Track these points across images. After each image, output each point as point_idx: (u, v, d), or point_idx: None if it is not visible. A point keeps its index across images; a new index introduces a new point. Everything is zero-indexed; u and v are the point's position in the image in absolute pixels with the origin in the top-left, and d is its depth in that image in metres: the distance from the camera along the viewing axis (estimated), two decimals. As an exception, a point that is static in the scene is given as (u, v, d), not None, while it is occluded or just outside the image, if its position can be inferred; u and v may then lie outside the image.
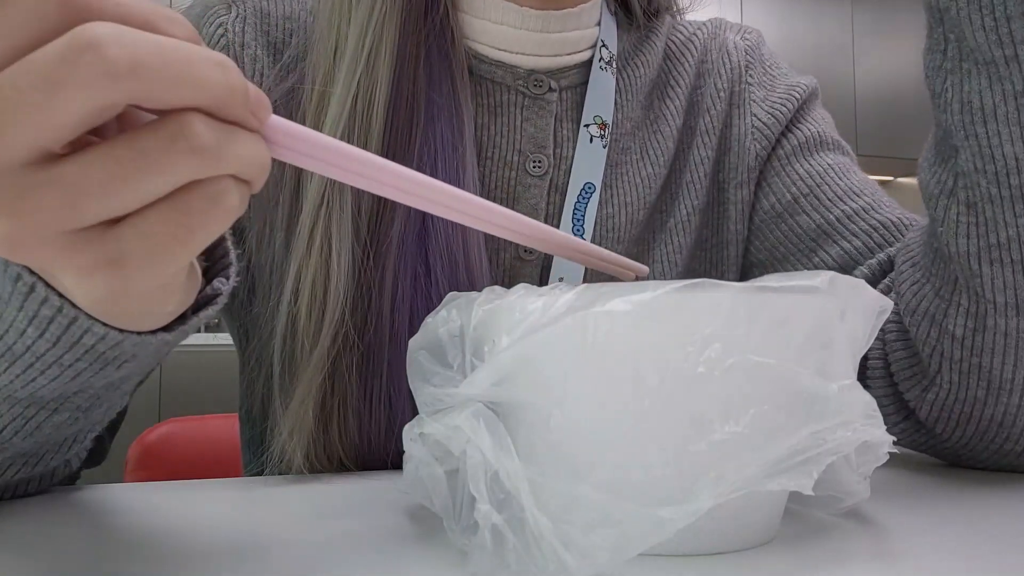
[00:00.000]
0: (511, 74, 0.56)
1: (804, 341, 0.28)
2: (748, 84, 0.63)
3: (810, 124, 0.61)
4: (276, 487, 0.45)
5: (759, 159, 0.61)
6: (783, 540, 0.32)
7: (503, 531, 0.26)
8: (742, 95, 0.63)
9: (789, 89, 0.62)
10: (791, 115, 0.61)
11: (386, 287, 0.49)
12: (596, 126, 0.57)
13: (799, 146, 0.60)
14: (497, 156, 0.55)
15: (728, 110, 0.62)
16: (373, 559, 0.30)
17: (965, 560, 0.30)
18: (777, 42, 3.43)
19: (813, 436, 0.27)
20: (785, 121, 0.61)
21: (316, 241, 0.48)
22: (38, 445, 0.38)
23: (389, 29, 0.50)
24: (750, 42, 0.65)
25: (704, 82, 0.63)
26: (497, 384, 0.29)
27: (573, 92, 0.58)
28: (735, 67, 0.63)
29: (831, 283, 0.29)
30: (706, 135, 0.61)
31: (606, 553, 0.25)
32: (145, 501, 0.41)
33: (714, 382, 0.27)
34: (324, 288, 0.47)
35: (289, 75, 0.53)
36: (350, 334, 0.48)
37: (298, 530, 0.34)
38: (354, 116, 0.49)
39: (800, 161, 0.60)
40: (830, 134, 0.62)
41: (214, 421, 0.98)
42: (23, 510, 0.39)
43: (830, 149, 0.61)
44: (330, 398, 0.48)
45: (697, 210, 0.61)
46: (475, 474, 0.28)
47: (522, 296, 0.30)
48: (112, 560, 0.31)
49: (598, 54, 0.58)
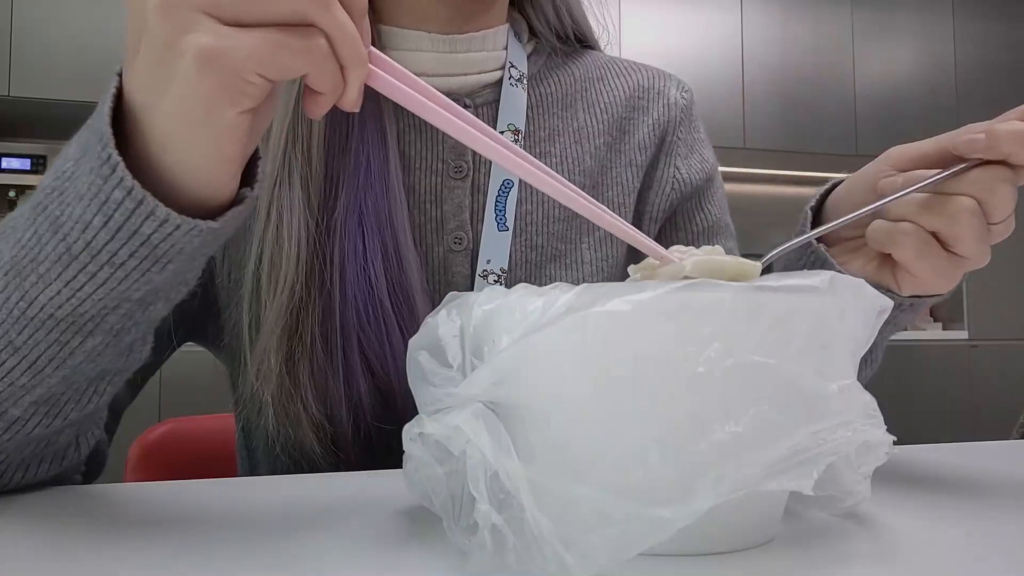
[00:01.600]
0: None
1: (804, 341, 0.28)
2: (678, 139, 0.71)
3: (715, 208, 0.72)
4: (276, 487, 0.45)
5: (671, 206, 0.70)
6: (783, 540, 0.32)
7: (503, 531, 0.26)
8: (672, 146, 0.71)
9: (702, 162, 0.72)
10: (701, 185, 0.71)
11: (335, 254, 0.56)
12: (510, 132, 0.65)
13: (706, 229, 0.71)
14: (423, 165, 0.63)
15: (656, 153, 0.71)
16: (373, 559, 0.30)
17: (965, 560, 0.30)
18: (777, 42, 3.43)
19: (813, 436, 0.27)
20: (694, 187, 0.71)
21: (272, 215, 0.56)
22: (65, 384, 0.40)
23: None
24: (686, 101, 0.74)
25: (637, 116, 0.71)
26: (497, 384, 0.29)
27: (488, 108, 0.66)
28: (672, 119, 0.72)
29: (831, 283, 0.29)
30: (634, 166, 0.69)
31: (606, 553, 0.25)
32: (145, 501, 0.41)
33: (714, 382, 0.27)
34: (280, 252, 0.55)
35: None
36: (303, 290, 0.55)
37: (298, 530, 0.34)
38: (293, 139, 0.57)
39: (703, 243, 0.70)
40: (725, 218, 0.73)
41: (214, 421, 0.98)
42: (24, 509, 0.39)
43: (724, 234, 0.72)
44: (292, 344, 0.55)
45: None
46: (475, 474, 0.28)
47: (522, 296, 0.30)
48: (112, 560, 0.31)
49: (507, 73, 0.66)
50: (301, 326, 0.55)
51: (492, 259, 0.62)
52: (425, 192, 0.63)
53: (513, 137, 0.65)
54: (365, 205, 0.58)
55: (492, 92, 0.66)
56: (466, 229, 0.63)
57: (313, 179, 0.57)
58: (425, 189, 0.63)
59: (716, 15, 3.36)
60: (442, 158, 0.64)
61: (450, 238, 0.62)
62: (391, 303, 0.57)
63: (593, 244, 0.66)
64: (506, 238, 0.63)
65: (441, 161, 0.64)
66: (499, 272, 0.62)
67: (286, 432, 0.56)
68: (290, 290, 0.55)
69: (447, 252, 0.62)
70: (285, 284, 0.55)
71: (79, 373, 0.40)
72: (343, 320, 0.56)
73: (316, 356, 0.55)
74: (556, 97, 0.69)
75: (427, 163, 0.63)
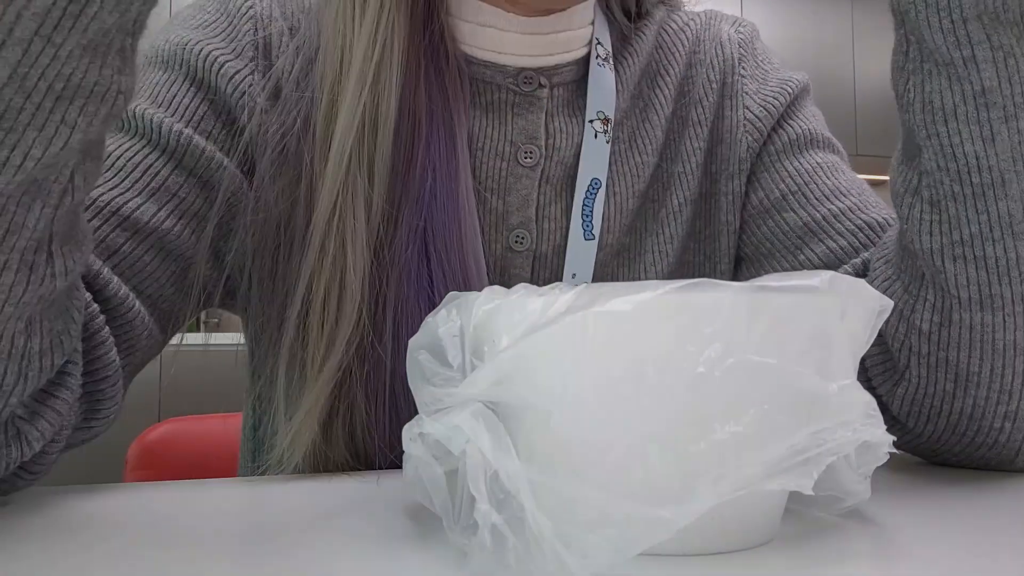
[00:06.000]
0: (501, 73, 0.57)
1: (804, 341, 0.28)
2: (741, 76, 0.63)
3: (801, 121, 0.61)
4: (276, 487, 0.45)
5: (751, 151, 0.61)
6: (783, 540, 0.32)
7: (503, 531, 0.26)
8: (735, 87, 0.62)
9: (782, 84, 0.62)
10: (783, 109, 0.62)
11: (391, 293, 0.49)
12: (600, 121, 0.57)
13: (789, 143, 0.60)
14: (489, 147, 0.56)
15: (720, 101, 0.62)
16: (373, 559, 0.30)
17: (965, 560, 0.30)
18: (777, 42, 3.43)
19: (813, 436, 0.27)
20: (777, 115, 0.61)
21: (328, 251, 0.48)
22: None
23: (396, 41, 0.50)
24: (744, 35, 0.65)
25: (695, 72, 0.63)
26: (497, 384, 0.29)
27: (566, 88, 0.58)
28: (728, 58, 0.63)
29: (831, 283, 0.29)
30: (698, 126, 0.61)
31: (606, 553, 0.25)
32: (145, 501, 0.41)
33: (714, 382, 0.27)
34: (339, 297, 0.47)
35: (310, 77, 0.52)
36: (363, 343, 0.48)
37: (298, 530, 0.34)
38: (363, 127, 0.49)
39: (789, 158, 0.60)
40: (820, 131, 0.62)
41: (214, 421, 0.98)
42: (21, 510, 0.39)
43: (820, 147, 0.61)
44: (336, 407, 0.48)
45: (689, 200, 0.61)
46: (475, 474, 0.28)
47: (522, 296, 0.30)
48: (112, 560, 0.31)
49: (594, 51, 0.58)
50: (346, 383, 0.48)
51: (578, 273, 0.55)
52: (489, 178, 0.56)
53: (602, 127, 0.57)
54: (431, 225, 0.50)
55: (573, 71, 0.58)
56: (530, 227, 0.56)
57: (377, 204, 0.49)
58: (488, 175, 0.56)
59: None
60: (510, 140, 0.56)
61: (511, 236, 0.55)
62: None
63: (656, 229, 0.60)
64: (592, 248, 0.56)
65: (509, 143, 0.56)
66: None
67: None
68: (347, 344, 0.47)
69: (505, 251, 0.56)
70: (343, 337, 0.47)
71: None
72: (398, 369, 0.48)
73: (357, 417, 0.48)
74: (630, 76, 0.61)
75: (493, 144, 0.56)
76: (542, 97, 0.57)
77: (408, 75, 0.51)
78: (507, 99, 0.57)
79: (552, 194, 0.57)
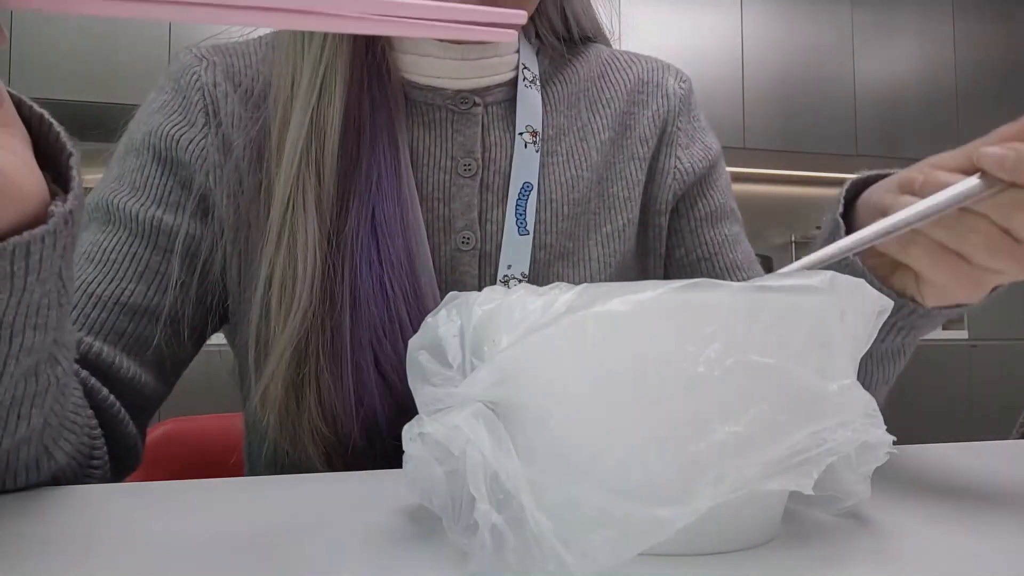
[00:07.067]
0: (440, 95, 0.65)
1: (804, 341, 0.28)
2: (677, 129, 0.72)
3: (719, 193, 0.72)
4: (276, 487, 0.45)
5: (674, 196, 0.70)
6: (783, 540, 0.32)
7: (503, 531, 0.26)
8: (671, 136, 0.71)
9: (705, 149, 0.72)
10: (703, 173, 0.71)
11: (346, 274, 0.56)
12: (528, 134, 0.65)
13: (709, 214, 0.71)
14: (432, 162, 0.63)
15: (659, 145, 0.71)
16: (373, 559, 0.30)
17: (965, 560, 0.30)
18: (777, 42, 3.43)
19: (813, 436, 0.27)
20: (697, 176, 0.71)
21: (284, 239, 0.55)
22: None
23: (339, 64, 0.58)
24: (684, 90, 0.74)
25: (639, 111, 0.71)
26: (497, 384, 0.29)
27: (498, 106, 0.66)
28: (672, 110, 0.72)
29: (831, 283, 0.29)
30: (640, 160, 0.70)
31: (606, 553, 0.25)
32: (145, 501, 0.41)
33: (714, 382, 0.27)
34: (293, 277, 0.55)
35: (260, 108, 0.62)
36: (316, 315, 0.54)
37: (298, 530, 0.34)
38: (311, 132, 0.57)
39: (707, 228, 0.71)
40: (730, 204, 0.73)
41: (214, 421, 0.98)
42: (22, 510, 0.39)
43: (729, 219, 0.73)
44: (299, 372, 0.54)
45: (632, 223, 0.69)
46: (475, 474, 0.28)
47: (522, 296, 0.30)
48: (112, 560, 0.31)
49: (521, 75, 0.67)
50: (310, 350, 0.54)
51: (513, 264, 0.62)
52: (434, 189, 0.63)
53: (531, 138, 0.65)
54: (379, 213, 0.57)
55: (503, 92, 0.66)
56: (474, 228, 0.62)
57: (325, 199, 0.56)
58: (433, 186, 0.63)
59: (716, 15, 3.36)
60: (451, 155, 0.63)
61: (458, 237, 0.62)
62: (407, 313, 0.56)
63: (600, 240, 0.66)
64: (527, 242, 0.62)
65: (450, 158, 0.63)
66: (520, 276, 0.61)
67: (294, 456, 0.55)
68: (303, 315, 0.54)
69: (454, 252, 0.62)
70: (298, 309, 0.54)
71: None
72: (356, 338, 0.55)
73: (323, 380, 0.54)
74: (561, 96, 0.69)
75: (435, 159, 0.63)
76: (477, 114, 0.65)
77: (352, 86, 0.59)
78: (447, 117, 0.65)
79: (493, 199, 0.64)
